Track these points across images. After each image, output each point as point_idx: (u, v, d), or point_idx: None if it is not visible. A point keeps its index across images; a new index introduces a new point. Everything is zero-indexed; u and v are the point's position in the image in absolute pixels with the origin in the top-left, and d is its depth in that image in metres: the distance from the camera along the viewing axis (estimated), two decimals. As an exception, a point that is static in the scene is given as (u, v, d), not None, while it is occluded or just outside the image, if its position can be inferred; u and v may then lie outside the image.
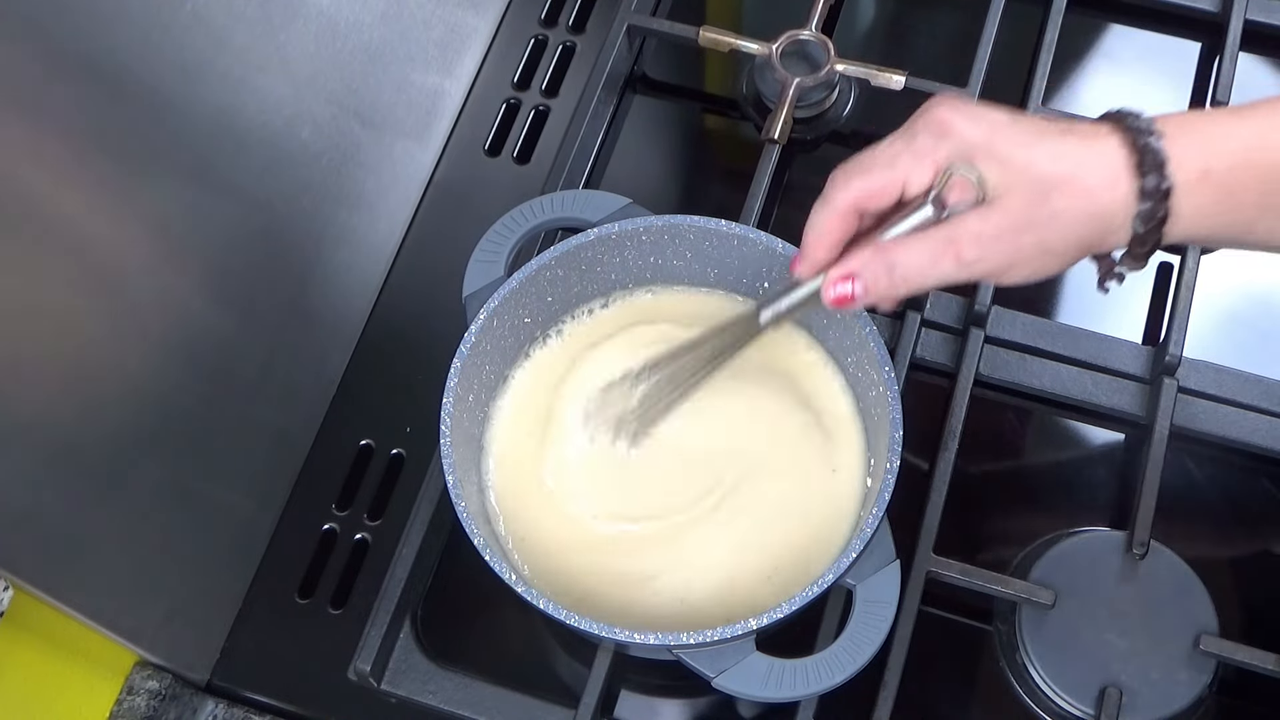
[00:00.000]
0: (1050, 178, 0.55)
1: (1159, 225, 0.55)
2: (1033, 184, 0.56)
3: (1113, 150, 0.55)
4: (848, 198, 0.59)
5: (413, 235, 0.89)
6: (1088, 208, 0.56)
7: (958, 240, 0.57)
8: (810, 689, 0.64)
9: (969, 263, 0.57)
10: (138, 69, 0.65)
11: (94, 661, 0.73)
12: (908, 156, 0.58)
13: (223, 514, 0.77)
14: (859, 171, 0.59)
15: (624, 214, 0.73)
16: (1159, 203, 0.55)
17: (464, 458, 0.69)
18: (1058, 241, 0.56)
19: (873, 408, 0.70)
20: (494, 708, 0.73)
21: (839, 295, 0.60)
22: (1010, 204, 0.56)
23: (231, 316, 0.76)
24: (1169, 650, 0.72)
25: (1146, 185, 0.55)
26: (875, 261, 0.59)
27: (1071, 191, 0.55)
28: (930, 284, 0.59)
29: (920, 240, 0.58)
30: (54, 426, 0.64)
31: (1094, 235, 0.56)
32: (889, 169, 0.58)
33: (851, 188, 0.59)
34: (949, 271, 0.57)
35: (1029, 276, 0.58)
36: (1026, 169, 0.56)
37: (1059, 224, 0.56)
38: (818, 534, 0.69)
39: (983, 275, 0.58)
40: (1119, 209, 0.55)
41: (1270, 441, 0.78)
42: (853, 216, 0.60)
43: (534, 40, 0.95)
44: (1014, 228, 0.56)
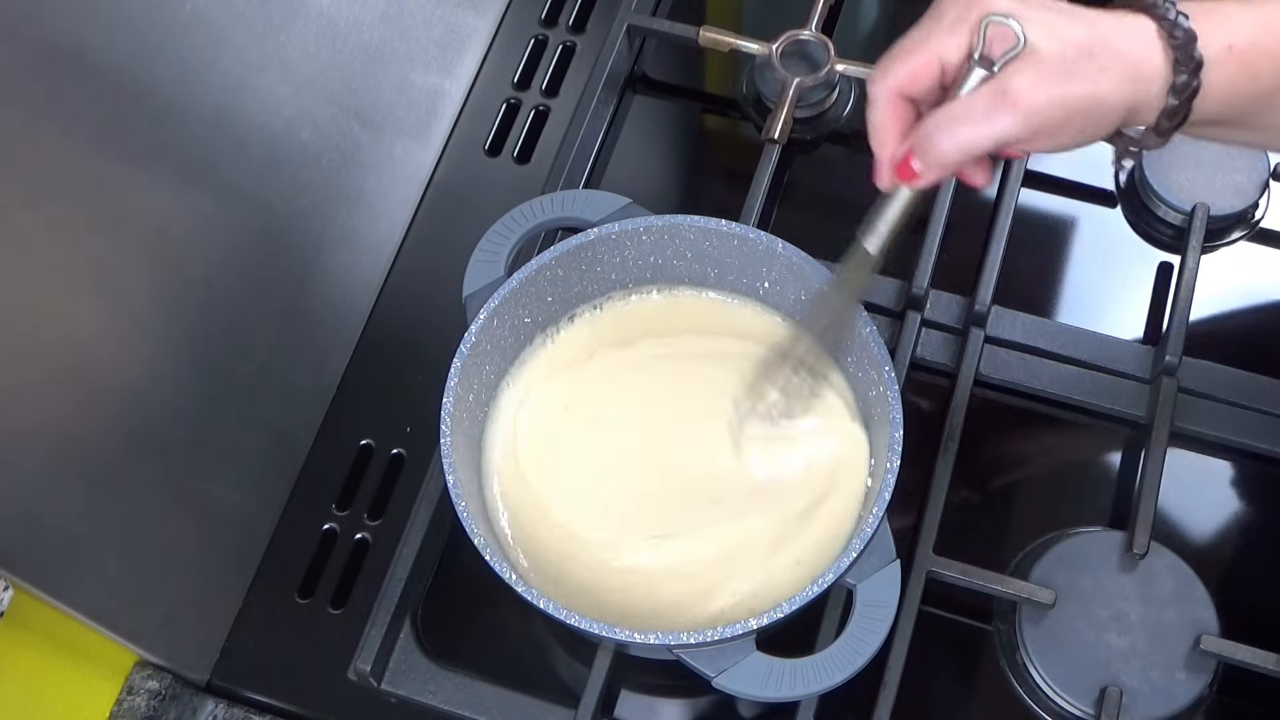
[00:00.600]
0: (1091, 39, 0.56)
1: (1190, 97, 0.57)
2: (1075, 43, 0.56)
3: (1145, 26, 0.57)
4: (889, 86, 0.59)
5: (413, 235, 0.89)
6: (1130, 70, 0.56)
7: (1012, 90, 0.56)
8: (810, 689, 0.64)
9: (1027, 111, 0.56)
10: (138, 69, 0.65)
11: (94, 661, 0.73)
12: (939, 31, 0.58)
13: (223, 514, 0.77)
14: (894, 59, 0.59)
15: (624, 214, 0.73)
16: (1193, 74, 0.56)
17: (464, 458, 0.69)
18: (1103, 97, 0.56)
19: (873, 408, 0.70)
20: (494, 708, 0.73)
21: (903, 170, 0.59)
22: (1059, 51, 0.56)
23: (231, 316, 0.76)
24: (1169, 650, 0.72)
25: (1180, 56, 0.56)
26: (933, 129, 0.57)
27: (1113, 53, 0.56)
28: (991, 142, 0.57)
29: (973, 97, 0.57)
30: (54, 426, 0.64)
31: (1134, 100, 0.57)
32: (923, 46, 0.58)
33: (891, 75, 0.59)
34: (1006, 126, 0.56)
35: (1077, 139, 0.58)
36: (1066, 32, 0.56)
37: (1107, 78, 0.56)
38: (818, 534, 0.69)
39: (1037, 130, 0.56)
40: (1156, 76, 0.57)
41: (1270, 441, 0.78)
42: (903, 105, 0.59)
43: (534, 40, 0.95)
44: (1066, 73, 0.56)
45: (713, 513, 0.71)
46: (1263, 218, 0.86)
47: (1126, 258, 0.86)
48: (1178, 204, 0.84)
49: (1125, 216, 0.87)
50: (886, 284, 0.82)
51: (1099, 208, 0.88)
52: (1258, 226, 0.86)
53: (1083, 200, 0.88)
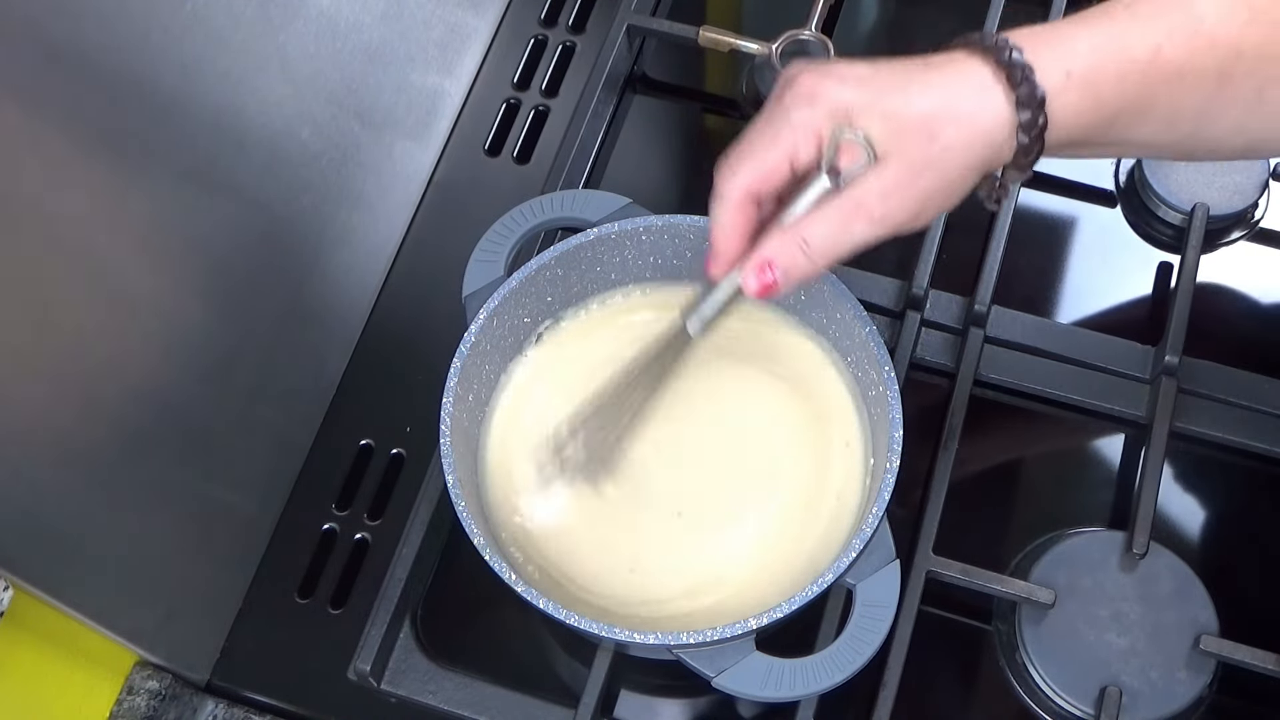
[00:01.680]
0: (932, 115, 0.56)
1: (1041, 133, 0.57)
2: (917, 127, 0.56)
3: (980, 72, 0.57)
4: (739, 186, 0.59)
5: (413, 235, 0.89)
6: (974, 132, 0.57)
7: (863, 202, 0.57)
8: (810, 689, 0.64)
9: (880, 219, 0.57)
10: (138, 69, 0.65)
11: (94, 661, 0.73)
12: (787, 132, 0.58)
13: (223, 514, 0.77)
14: (744, 158, 0.59)
15: (624, 214, 0.73)
16: (1037, 110, 0.56)
17: (464, 458, 0.69)
18: (955, 173, 0.57)
19: (873, 408, 0.70)
20: (494, 708, 0.73)
21: (762, 284, 0.60)
22: (902, 152, 0.56)
23: (231, 316, 0.76)
24: (1169, 650, 0.72)
25: (1021, 95, 0.56)
26: (788, 243, 0.59)
27: (955, 121, 0.56)
28: (847, 251, 0.59)
29: (827, 211, 0.58)
30: (54, 426, 0.64)
31: (985, 157, 0.57)
32: (772, 148, 0.58)
33: (740, 175, 0.59)
34: (863, 233, 0.58)
35: (936, 214, 0.59)
36: (906, 114, 0.56)
37: (953, 156, 0.57)
38: (818, 534, 0.69)
39: (895, 228, 0.58)
40: (1001, 124, 0.56)
41: (1270, 441, 0.78)
42: (751, 205, 0.60)
43: (534, 40, 0.95)
44: (913, 173, 0.57)
45: (714, 511, 0.71)
46: (1262, 218, 0.86)
47: (1126, 258, 0.86)
48: (1178, 204, 0.84)
49: (1125, 216, 0.87)
50: (886, 284, 0.82)
51: (1099, 208, 0.88)
52: (1258, 226, 0.86)
53: (1083, 200, 0.88)
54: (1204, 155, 0.64)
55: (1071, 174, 0.88)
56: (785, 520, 0.70)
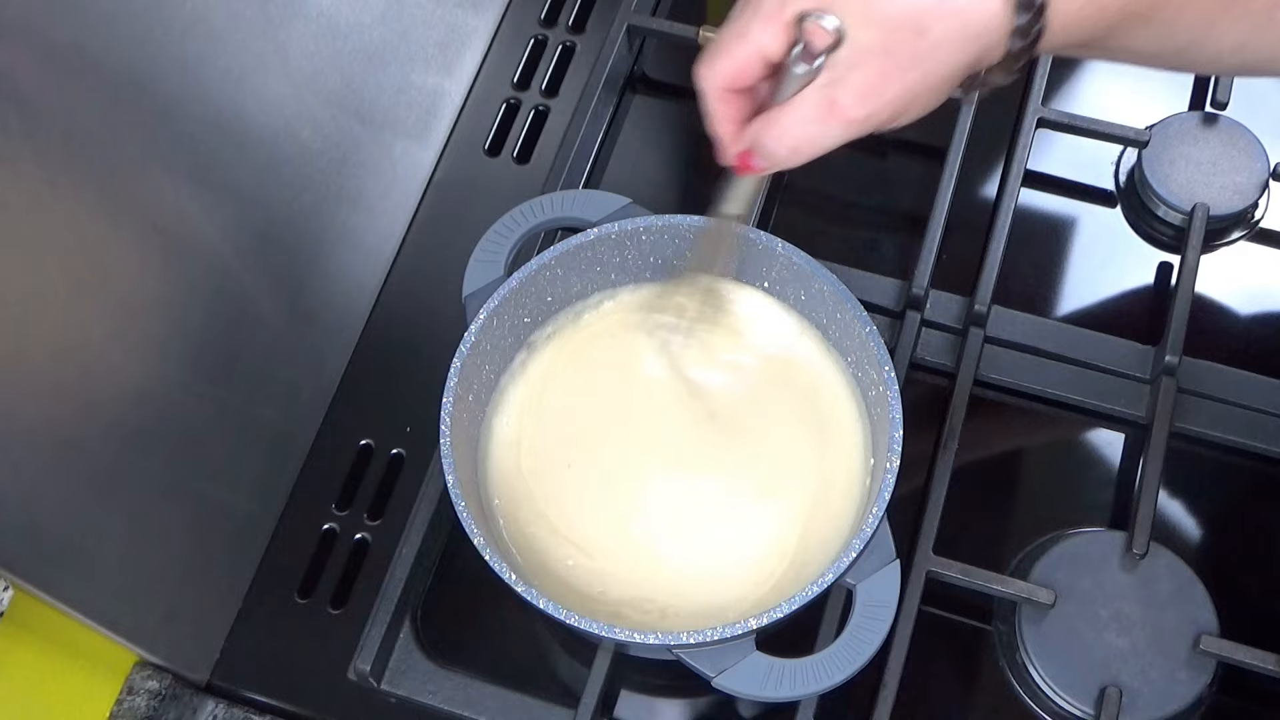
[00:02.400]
0: (921, 8, 0.53)
1: (1036, 39, 0.54)
2: (904, 20, 0.53)
3: None
4: (715, 83, 0.58)
5: (413, 235, 0.89)
6: (965, 30, 0.54)
7: (838, 100, 0.55)
8: (810, 689, 0.64)
9: (861, 119, 0.55)
10: (138, 69, 0.65)
11: (94, 661, 0.73)
12: (757, 23, 0.56)
13: (223, 514, 0.77)
14: (715, 55, 0.58)
15: (624, 214, 0.73)
16: (1036, 15, 0.54)
17: (464, 458, 0.69)
18: (943, 71, 0.55)
19: (873, 408, 0.70)
20: (494, 708, 0.73)
21: (742, 165, 0.59)
22: (887, 48, 0.54)
23: (231, 316, 0.76)
24: (1169, 650, 0.72)
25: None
26: (765, 133, 0.57)
27: (945, 16, 0.53)
28: (825, 148, 0.57)
29: (799, 105, 0.56)
30: (54, 426, 0.64)
31: (974, 57, 0.55)
32: (741, 40, 0.57)
33: (715, 72, 0.58)
34: (838, 134, 0.56)
35: (919, 114, 0.57)
36: (893, 6, 0.53)
37: (941, 53, 0.54)
38: (818, 534, 0.70)
39: (876, 127, 0.56)
40: (995, 25, 0.54)
41: (1270, 441, 0.78)
42: (735, 96, 0.58)
43: (534, 40, 0.95)
44: (897, 68, 0.54)
45: (713, 511, 0.71)
46: (1263, 218, 0.86)
47: (1126, 258, 0.86)
48: (1178, 204, 0.84)
49: (1125, 216, 0.87)
50: (886, 284, 0.82)
51: (1099, 208, 0.88)
52: (1258, 226, 0.86)
53: (1083, 200, 0.88)
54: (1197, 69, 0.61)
55: (1071, 174, 0.88)
56: (784, 520, 0.70)
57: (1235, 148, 0.85)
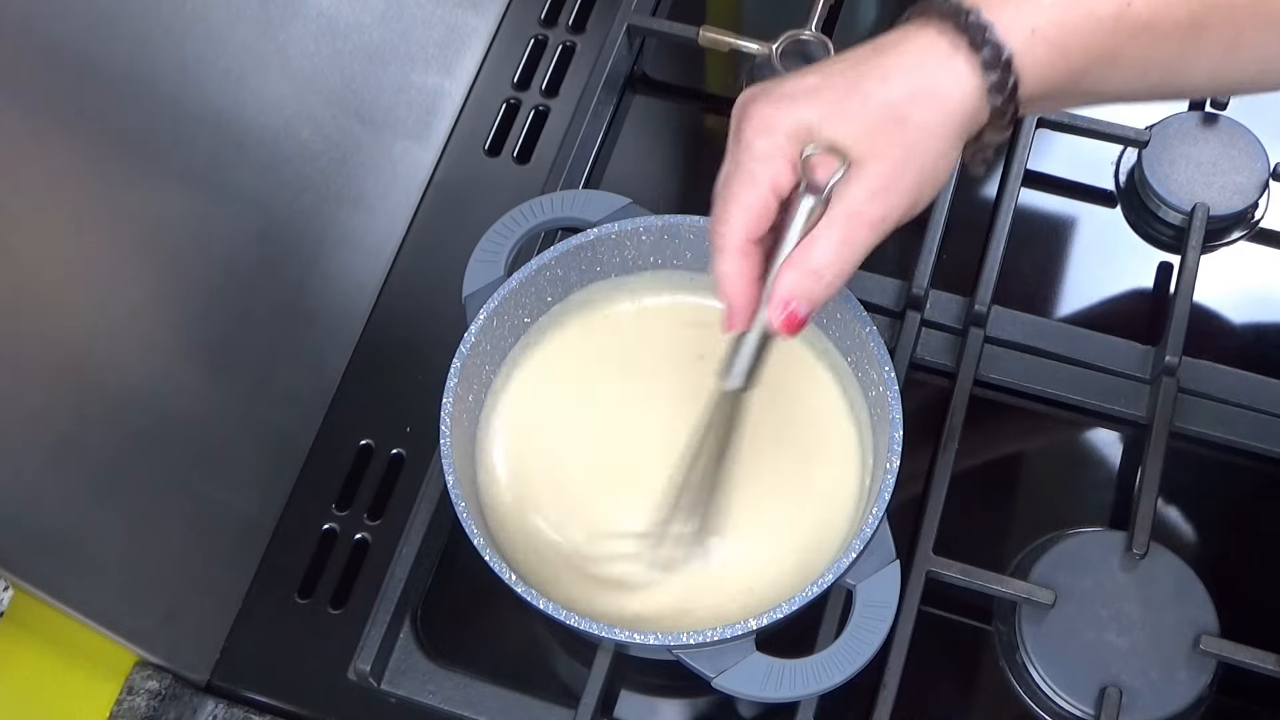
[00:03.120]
0: (896, 103, 0.55)
1: (1013, 92, 0.55)
2: (884, 119, 0.55)
3: (937, 43, 0.55)
4: (739, 235, 0.58)
5: (413, 235, 0.89)
6: (945, 106, 0.55)
7: (856, 212, 0.56)
8: (810, 689, 0.64)
9: (879, 221, 0.56)
10: (138, 69, 0.65)
11: (94, 661, 0.73)
12: (760, 167, 0.57)
13: (223, 514, 0.77)
14: (729, 204, 0.58)
15: (624, 214, 0.73)
16: (1005, 71, 0.55)
17: (464, 458, 0.69)
18: (937, 151, 0.56)
19: (873, 408, 0.70)
20: (494, 708, 0.73)
21: (790, 321, 0.59)
22: (878, 150, 0.55)
23: (231, 316, 0.76)
24: (1169, 650, 0.72)
25: (986, 57, 0.54)
26: (802, 277, 0.57)
27: (922, 102, 0.55)
28: (857, 262, 0.58)
29: (825, 232, 0.57)
30: (54, 426, 0.64)
31: (963, 126, 0.56)
32: (753, 188, 0.57)
33: (734, 222, 0.58)
34: (866, 239, 0.57)
35: (933, 194, 0.58)
36: (869, 111, 0.55)
37: (930, 136, 0.55)
38: (818, 534, 0.70)
39: (896, 223, 0.57)
40: (971, 92, 0.55)
41: (1270, 441, 0.78)
42: (753, 250, 0.59)
43: (534, 40, 0.95)
44: (896, 167, 0.55)
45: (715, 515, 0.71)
46: (1263, 218, 0.86)
47: (1126, 258, 0.86)
48: (1178, 204, 0.84)
49: (1125, 216, 0.87)
50: (886, 284, 0.82)
51: (1099, 208, 0.88)
52: (1258, 226, 0.86)
53: (1083, 200, 0.88)
54: (1177, 98, 0.62)
55: (1071, 174, 0.88)
56: (784, 520, 0.70)
57: (1235, 148, 0.85)
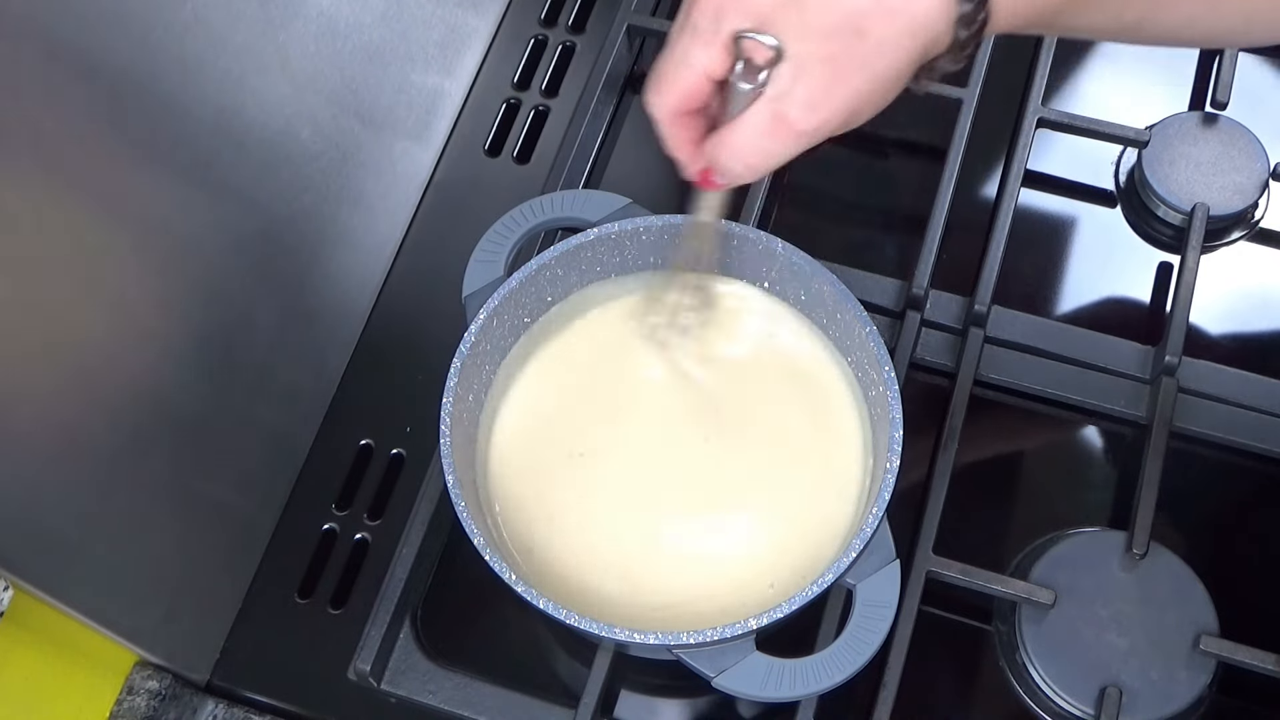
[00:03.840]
0: (858, 11, 0.52)
1: (982, 26, 0.54)
2: (842, 24, 0.52)
3: None
4: (666, 110, 0.59)
5: (413, 235, 0.89)
6: (908, 26, 0.53)
7: (785, 114, 0.55)
8: (810, 689, 0.64)
9: (808, 131, 0.55)
10: (138, 69, 0.65)
11: (94, 661, 0.73)
12: (696, 46, 0.56)
13: (223, 514, 0.77)
14: (660, 79, 0.58)
15: (624, 214, 0.73)
16: (979, 7, 0.53)
17: (464, 458, 0.69)
18: (889, 70, 0.54)
19: (873, 408, 0.70)
20: (494, 708, 0.73)
21: (704, 183, 0.61)
22: (828, 55, 0.53)
23: (231, 316, 0.76)
24: (1169, 650, 0.72)
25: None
26: (719, 152, 0.58)
27: (884, 17, 0.52)
28: (779, 161, 0.57)
29: (750, 121, 0.56)
30: (54, 426, 0.64)
31: (919, 52, 0.54)
32: (685, 66, 0.57)
33: (664, 100, 0.58)
34: (790, 146, 0.56)
35: (871, 114, 0.56)
36: (828, 12, 0.53)
37: (885, 53, 0.53)
38: (818, 534, 0.69)
39: (828, 134, 0.55)
40: (937, 16, 0.53)
41: (1270, 441, 0.78)
42: (688, 119, 0.59)
43: (534, 40, 0.95)
44: (841, 75, 0.53)
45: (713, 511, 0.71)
46: (1263, 218, 0.86)
47: (1126, 258, 0.86)
48: (1178, 204, 0.84)
49: (1125, 216, 0.87)
50: (886, 284, 0.82)
51: (1099, 208, 0.88)
52: (1258, 226, 0.86)
53: (1083, 200, 0.88)
54: (1149, 43, 0.60)
55: (1071, 174, 0.88)
56: (785, 520, 0.70)
57: (1235, 148, 0.85)
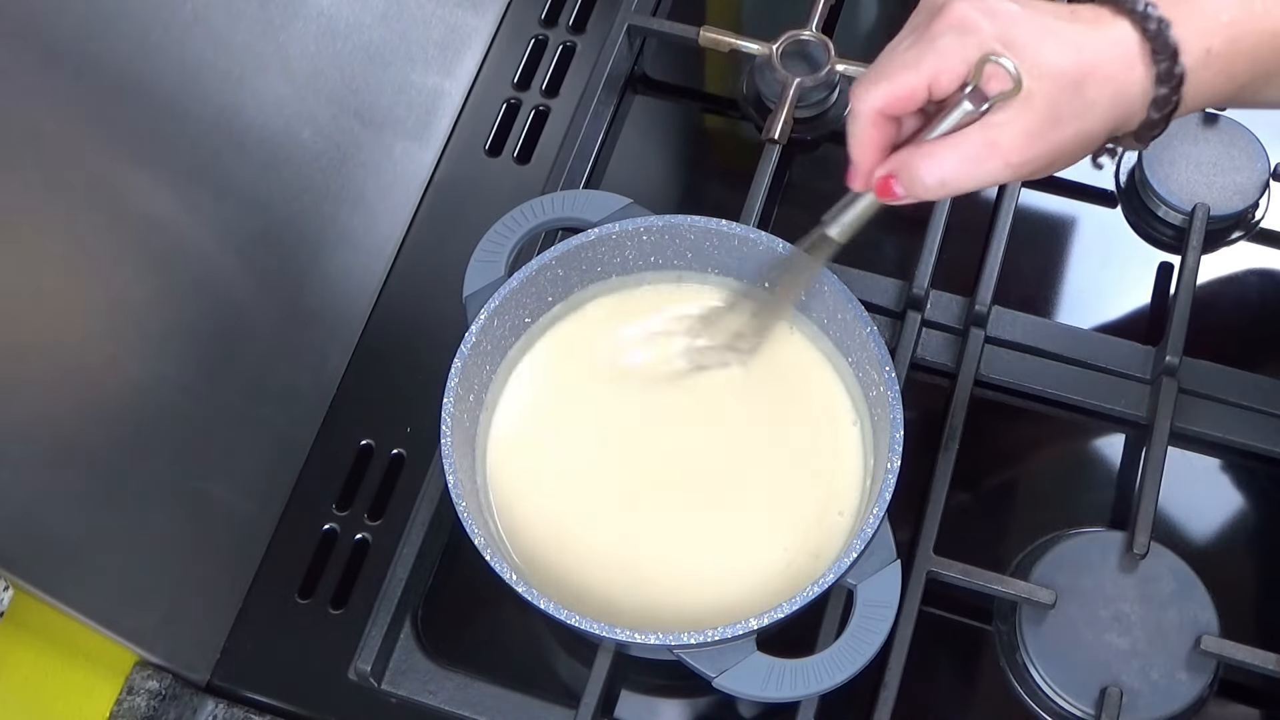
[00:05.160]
0: (1079, 70, 0.56)
1: (1172, 110, 0.57)
2: (1067, 76, 0.56)
3: (1124, 34, 0.56)
4: (874, 105, 0.58)
5: (413, 235, 0.89)
6: (1115, 95, 0.57)
7: (1000, 143, 0.56)
8: (811, 689, 0.64)
9: (1017, 165, 0.57)
10: (138, 69, 0.65)
11: (94, 661, 0.73)
12: (932, 57, 0.57)
13: (223, 514, 0.77)
14: (881, 77, 0.58)
15: (624, 214, 0.73)
16: (1174, 89, 0.56)
17: (464, 458, 0.69)
18: (1093, 129, 0.57)
19: (873, 408, 0.70)
20: (494, 708, 0.73)
21: (879, 184, 0.60)
22: (1050, 98, 0.56)
23: (231, 316, 0.76)
24: (1169, 650, 0.72)
25: (1161, 71, 0.56)
26: (918, 163, 0.58)
27: (1099, 80, 0.56)
28: (976, 185, 0.58)
29: (960, 142, 0.57)
30: (54, 426, 0.64)
31: (1119, 120, 0.58)
32: (913, 70, 0.57)
33: (876, 94, 0.58)
34: (994, 174, 0.57)
35: (1063, 167, 0.59)
36: (1054, 64, 0.56)
37: (1095, 113, 0.57)
38: (818, 534, 0.69)
39: (1029, 174, 0.58)
40: (1138, 94, 0.57)
41: (1270, 441, 0.78)
42: (886, 123, 0.59)
43: (534, 40, 0.95)
44: (1058, 120, 0.56)
45: (713, 511, 0.71)
46: (1263, 218, 0.86)
47: (1126, 258, 0.86)
48: (1178, 204, 0.84)
49: (1125, 216, 0.87)
50: (887, 284, 0.82)
51: (1099, 208, 0.88)
52: (1258, 226, 0.86)
53: (1083, 200, 0.88)
54: None
55: (1071, 174, 0.88)
56: (785, 519, 0.70)
57: (1235, 148, 0.85)
